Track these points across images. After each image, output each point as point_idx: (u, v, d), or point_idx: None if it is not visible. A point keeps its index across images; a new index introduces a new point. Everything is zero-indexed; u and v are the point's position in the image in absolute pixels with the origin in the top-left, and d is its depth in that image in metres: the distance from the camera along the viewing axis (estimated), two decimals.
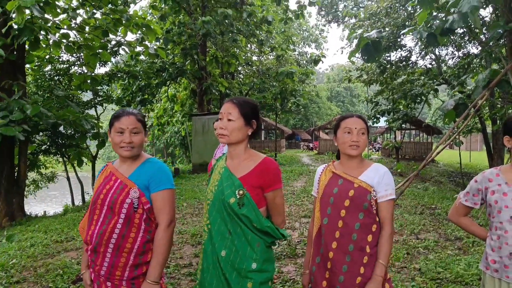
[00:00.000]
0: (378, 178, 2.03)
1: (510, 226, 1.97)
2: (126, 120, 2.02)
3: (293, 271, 4.29)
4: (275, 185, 1.98)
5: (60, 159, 15.96)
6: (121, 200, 1.96)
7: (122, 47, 11.49)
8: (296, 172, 14.14)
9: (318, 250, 2.12)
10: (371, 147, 32.22)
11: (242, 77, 24.02)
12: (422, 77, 16.44)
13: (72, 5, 11.30)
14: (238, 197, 1.91)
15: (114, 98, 15.87)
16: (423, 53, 18.37)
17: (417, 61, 18.92)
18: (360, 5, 23.47)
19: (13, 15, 7.62)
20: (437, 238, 5.63)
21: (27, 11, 7.62)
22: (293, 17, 17.35)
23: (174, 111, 20.49)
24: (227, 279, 1.90)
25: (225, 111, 1.99)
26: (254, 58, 25.47)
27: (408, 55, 18.04)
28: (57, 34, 10.31)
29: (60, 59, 14.19)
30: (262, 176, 1.95)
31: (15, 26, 7.97)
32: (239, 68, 23.20)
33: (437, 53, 18.55)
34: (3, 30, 8.15)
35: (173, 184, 2.06)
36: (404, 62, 17.96)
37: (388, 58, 17.24)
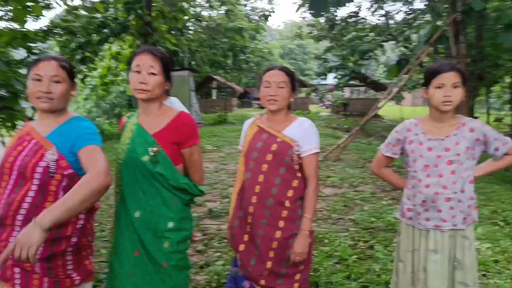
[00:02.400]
0: (302, 132, 2.01)
1: (423, 175, 2.02)
2: (45, 66, 1.69)
3: None
4: (192, 141, 1.90)
5: None
6: (33, 163, 1.62)
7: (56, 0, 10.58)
8: None
9: (241, 205, 2.12)
10: (321, 104, 32.76)
11: (191, 33, 23.17)
12: (371, 34, 16.65)
13: None
14: (152, 154, 1.82)
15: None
16: (372, 9, 18.48)
17: (366, 18, 19.06)
18: None
19: None
20: (374, 190, 5.89)
21: None
22: None
23: (118, 69, 19.53)
24: (142, 240, 1.82)
25: (144, 63, 1.82)
26: (204, 13, 24.55)
27: (358, 10, 18.09)
28: None
29: None
30: (178, 131, 1.86)
31: None
32: (188, 24, 22.30)
33: (385, 9, 18.75)
34: None
35: (100, 141, 1.72)
36: (353, 18, 18.02)
37: (336, 14, 17.20)
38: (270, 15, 16.27)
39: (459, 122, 2.02)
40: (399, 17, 19.60)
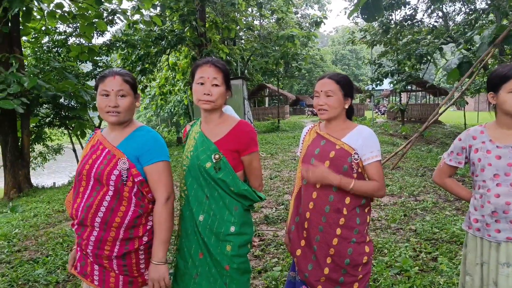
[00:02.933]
0: (361, 140, 1.98)
1: (493, 184, 1.92)
2: (111, 82, 1.80)
3: None
4: (251, 148, 1.94)
5: (65, 131, 16.06)
6: (108, 171, 1.77)
7: (117, 15, 11.27)
8: (299, 138, 13.99)
9: (297, 210, 2.13)
10: (376, 110, 31.89)
11: (244, 42, 23.58)
12: (429, 36, 15.99)
13: None
14: (214, 161, 1.89)
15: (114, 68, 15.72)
16: (429, 10, 17.78)
17: (423, 20, 18.34)
18: None
19: None
20: (436, 199, 5.64)
21: None
22: None
23: (176, 80, 20.30)
24: (206, 243, 1.90)
25: (208, 75, 1.90)
26: (255, 22, 24.91)
27: (413, 13, 17.47)
28: (51, 4, 10.12)
29: (57, 30, 13.98)
30: (238, 139, 1.92)
31: None
32: (240, 33, 22.72)
33: (444, 10, 17.96)
34: None
35: (167, 156, 1.89)
36: (409, 21, 17.42)
37: (391, 17, 16.73)
38: (322, 22, 16.13)
39: None
40: (459, 18, 18.61)
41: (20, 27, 9.85)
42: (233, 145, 1.91)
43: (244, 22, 20.19)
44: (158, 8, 14.69)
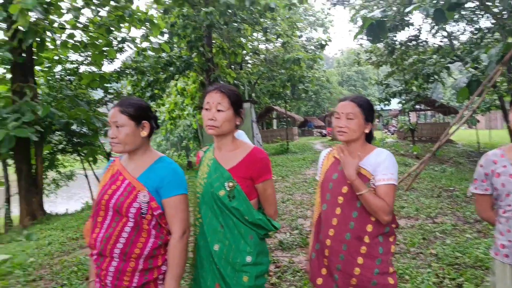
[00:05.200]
0: (377, 162, 1.93)
1: None
2: (111, 113, 1.85)
3: (304, 261, 4.25)
4: (265, 176, 1.91)
5: (78, 158, 16.20)
6: (128, 203, 1.77)
7: (127, 43, 11.53)
8: (309, 160, 14.04)
9: (318, 237, 2.07)
10: (385, 130, 31.79)
11: (250, 66, 23.86)
12: (434, 56, 16.04)
13: (76, 4, 11.35)
14: (228, 189, 1.86)
15: (125, 94, 15.96)
16: (433, 30, 17.90)
17: (427, 40, 18.44)
18: None
19: (17, 18, 7.66)
20: (455, 221, 5.50)
21: (31, 14, 7.67)
22: (296, 3, 17.07)
23: (184, 104, 20.52)
24: (222, 273, 1.85)
25: (213, 100, 1.89)
26: (261, 46, 25.25)
27: (418, 33, 17.59)
28: (64, 35, 10.40)
29: (69, 59, 14.30)
30: (252, 167, 1.89)
31: (21, 29, 8.02)
32: (246, 58, 23.03)
33: (448, 29, 18.06)
34: (10, 34, 8.23)
35: (186, 189, 1.88)
36: (414, 41, 17.53)
37: (396, 38, 16.85)
38: (327, 44, 16.32)
39: None
40: (464, 37, 18.71)
41: (34, 57, 10.10)
42: (246, 172, 1.89)
43: (250, 47, 20.50)
44: (166, 35, 15.00)
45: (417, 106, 19.88)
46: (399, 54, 16.91)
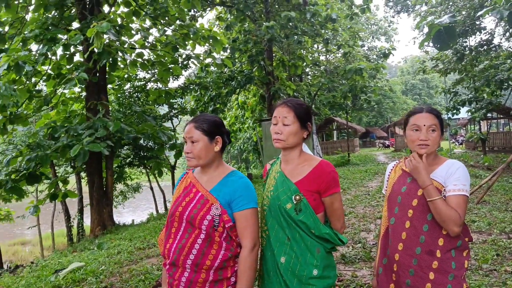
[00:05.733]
0: (448, 173, 1.85)
1: None
2: (186, 129, 1.94)
3: (368, 275, 4.11)
4: (333, 189, 1.90)
5: (144, 170, 17.11)
6: (201, 215, 1.84)
7: (191, 60, 12.04)
8: (371, 172, 13.63)
9: (385, 252, 2.01)
10: (453, 140, 30.01)
11: (310, 78, 23.81)
12: (508, 61, 14.97)
13: (145, 25, 12.11)
14: (294, 202, 1.87)
15: (188, 109, 16.63)
16: (507, 34, 16.72)
17: (501, 44, 17.26)
18: None
19: (93, 41, 8.33)
20: None
21: (105, 36, 8.30)
22: (358, 12, 16.84)
23: (245, 117, 20.92)
24: (288, 285, 1.86)
25: (279, 115, 1.94)
26: (322, 58, 25.13)
27: (490, 38, 16.53)
28: (133, 54, 11.11)
29: (137, 77, 15.22)
30: (319, 180, 1.89)
31: (96, 51, 8.71)
32: (307, 70, 23.03)
33: None
34: (85, 55, 8.97)
35: (256, 202, 1.92)
36: (485, 46, 16.49)
37: (466, 44, 15.96)
38: (391, 53, 15.86)
39: None
40: None
41: (107, 76, 10.89)
42: (314, 186, 1.89)
43: (310, 59, 20.48)
44: (228, 51, 15.48)
45: (489, 115, 18.57)
46: (469, 60, 15.98)
